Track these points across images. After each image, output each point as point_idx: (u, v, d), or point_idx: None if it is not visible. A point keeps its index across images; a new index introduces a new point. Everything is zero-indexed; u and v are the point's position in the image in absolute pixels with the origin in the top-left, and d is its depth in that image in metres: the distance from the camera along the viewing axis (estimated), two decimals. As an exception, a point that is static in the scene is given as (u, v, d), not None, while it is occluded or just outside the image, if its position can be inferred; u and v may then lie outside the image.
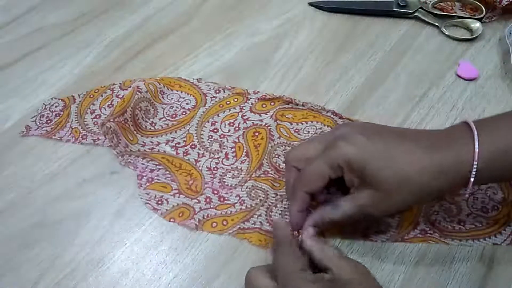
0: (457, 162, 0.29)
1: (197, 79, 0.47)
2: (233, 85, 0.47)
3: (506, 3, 0.52)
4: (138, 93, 0.43)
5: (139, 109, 0.42)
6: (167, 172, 0.40)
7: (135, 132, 0.42)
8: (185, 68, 0.49)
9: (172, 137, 0.42)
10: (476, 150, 0.29)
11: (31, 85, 0.47)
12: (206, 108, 0.44)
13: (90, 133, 0.43)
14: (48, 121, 0.44)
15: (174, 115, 0.44)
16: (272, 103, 0.45)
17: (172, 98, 0.45)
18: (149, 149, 0.41)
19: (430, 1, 0.55)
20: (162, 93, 0.45)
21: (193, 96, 0.45)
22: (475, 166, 0.29)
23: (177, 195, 0.38)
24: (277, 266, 0.30)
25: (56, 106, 0.45)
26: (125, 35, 0.52)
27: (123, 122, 0.41)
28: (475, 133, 0.30)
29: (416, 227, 0.37)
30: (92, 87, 0.47)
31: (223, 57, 0.50)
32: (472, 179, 0.29)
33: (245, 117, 0.44)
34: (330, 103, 0.45)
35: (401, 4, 0.54)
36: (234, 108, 0.44)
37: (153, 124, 0.43)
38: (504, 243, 0.36)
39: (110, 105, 0.45)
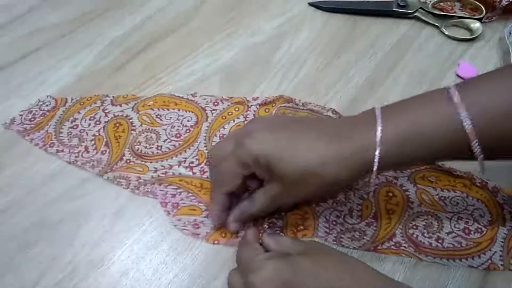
0: (358, 151, 0.29)
1: (191, 94, 0.45)
2: (233, 85, 0.47)
3: (506, 3, 0.52)
4: (132, 131, 0.42)
5: (138, 143, 0.41)
6: (190, 193, 0.39)
7: (143, 163, 0.40)
8: (185, 68, 0.49)
9: (183, 158, 0.41)
10: (378, 138, 0.29)
11: (31, 85, 0.47)
12: (210, 123, 0.43)
13: (58, 142, 0.42)
14: (32, 119, 0.43)
15: (178, 135, 0.42)
16: (273, 104, 0.44)
17: (170, 118, 0.44)
18: (162, 173, 0.40)
19: (430, 1, 0.55)
20: (159, 116, 0.44)
21: (192, 112, 0.44)
22: (377, 154, 0.29)
23: (211, 216, 0.37)
24: (239, 261, 0.33)
25: (47, 105, 0.45)
26: (125, 35, 0.52)
27: (125, 165, 0.40)
28: (379, 119, 0.30)
29: (392, 238, 0.36)
30: (92, 87, 0.47)
31: (223, 57, 0.50)
32: (375, 168, 0.29)
33: None
34: (330, 103, 0.45)
35: (401, 4, 0.54)
36: (238, 118, 0.44)
37: (159, 148, 0.41)
38: (480, 267, 0.35)
39: (92, 118, 0.43)
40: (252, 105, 0.44)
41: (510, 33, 0.50)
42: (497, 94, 0.28)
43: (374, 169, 0.29)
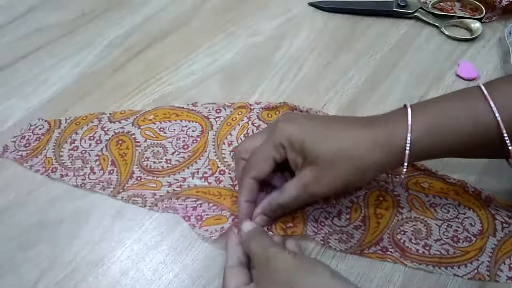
0: (391, 135, 0.30)
1: (192, 104, 0.45)
2: (233, 85, 0.47)
3: (506, 3, 0.52)
4: (137, 148, 0.41)
5: (146, 159, 0.40)
6: (211, 203, 0.38)
7: (154, 178, 0.39)
8: (185, 68, 0.49)
9: (195, 169, 0.40)
10: (409, 123, 0.30)
11: (31, 85, 0.47)
12: (215, 131, 0.42)
13: (61, 166, 0.40)
14: (27, 145, 0.41)
15: (185, 146, 0.41)
16: (277, 112, 0.44)
17: (174, 129, 0.43)
18: (177, 187, 0.39)
19: (430, 1, 0.55)
20: (162, 129, 0.43)
21: (196, 122, 0.43)
22: (409, 137, 0.30)
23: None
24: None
25: (39, 129, 0.43)
26: (125, 35, 0.52)
27: (136, 183, 0.39)
28: (409, 110, 0.31)
29: (379, 243, 0.36)
30: (92, 87, 0.47)
31: (223, 57, 0.50)
32: (407, 151, 0.30)
33: (256, 125, 0.43)
34: (330, 103, 0.45)
35: (401, 4, 0.54)
36: (242, 120, 0.43)
37: (169, 161, 0.40)
38: (465, 277, 0.34)
39: (92, 138, 0.42)
40: (254, 108, 0.44)
41: (510, 33, 0.50)
42: None
43: (406, 152, 0.30)
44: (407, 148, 0.30)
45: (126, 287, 0.34)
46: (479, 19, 0.52)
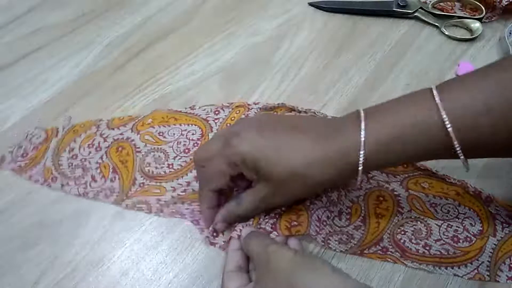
0: (343, 152, 0.30)
1: (190, 107, 0.44)
2: (233, 85, 0.47)
3: (506, 3, 0.52)
4: (138, 153, 0.41)
5: (147, 165, 0.40)
6: None
7: (158, 184, 0.39)
8: (185, 68, 0.49)
9: None
10: (362, 139, 0.29)
11: (31, 85, 0.47)
12: (216, 133, 0.42)
13: (61, 175, 0.39)
14: (24, 155, 0.41)
15: (187, 150, 0.41)
16: (275, 113, 0.44)
17: (174, 134, 0.42)
18: (182, 192, 0.39)
19: (430, 1, 0.55)
20: (161, 134, 0.42)
21: (195, 125, 0.43)
22: (362, 155, 0.29)
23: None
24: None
25: (37, 138, 0.42)
26: (125, 35, 0.52)
27: (140, 189, 0.39)
28: (363, 122, 0.30)
29: (379, 243, 0.36)
30: (92, 87, 0.47)
31: (223, 57, 0.50)
32: (360, 169, 0.30)
33: None
34: (330, 103, 0.45)
35: (401, 4, 0.54)
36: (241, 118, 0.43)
37: (171, 166, 0.40)
38: (465, 277, 0.34)
39: (91, 145, 0.41)
40: (252, 108, 0.44)
41: (510, 33, 0.50)
42: (477, 92, 0.28)
43: (359, 169, 0.30)
44: (360, 163, 0.30)
45: (126, 287, 0.34)
46: (479, 19, 0.52)
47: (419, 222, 0.37)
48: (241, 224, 0.35)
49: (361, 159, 0.29)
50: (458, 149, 0.28)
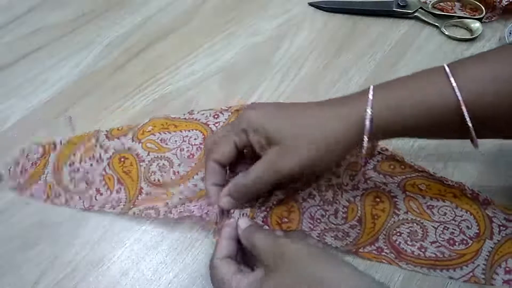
0: (351, 109, 0.31)
1: (188, 112, 0.44)
2: (233, 85, 0.47)
3: (506, 3, 0.52)
4: (141, 162, 0.40)
5: (152, 173, 0.40)
6: None
7: (165, 190, 0.39)
8: (185, 68, 0.49)
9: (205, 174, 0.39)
10: (370, 98, 0.31)
11: (31, 85, 0.47)
12: None
13: (64, 190, 0.39)
14: (23, 171, 0.40)
15: (191, 155, 0.41)
16: None
17: (176, 141, 0.42)
18: (189, 194, 0.38)
19: (430, 1, 0.55)
20: (163, 141, 0.42)
21: (196, 130, 0.43)
22: (369, 111, 0.30)
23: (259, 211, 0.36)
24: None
25: (34, 154, 0.41)
26: (125, 35, 0.52)
27: (146, 198, 0.38)
28: (371, 87, 0.31)
29: (374, 243, 0.36)
30: (92, 87, 0.47)
31: (223, 57, 0.50)
32: (367, 123, 0.30)
33: None
34: (330, 103, 0.45)
35: (401, 4, 0.54)
36: None
37: (177, 173, 0.40)
38: (461, 279, 0.34)
39: (92, 157, 0.41)
40: None
41: (510, 33, 0.50)
42: (486, 64, 0.30)
43: (366, 123, 0.30)
44: (367, 120, 0.30)
45: (126, 287, 0.34)
46: (479, 19, 0.52)
47: (415, 224, 0.37)
48: (237, 211, 0.35)
49: (368, 114, 0.30)
50: (467, 118, 0.29)
